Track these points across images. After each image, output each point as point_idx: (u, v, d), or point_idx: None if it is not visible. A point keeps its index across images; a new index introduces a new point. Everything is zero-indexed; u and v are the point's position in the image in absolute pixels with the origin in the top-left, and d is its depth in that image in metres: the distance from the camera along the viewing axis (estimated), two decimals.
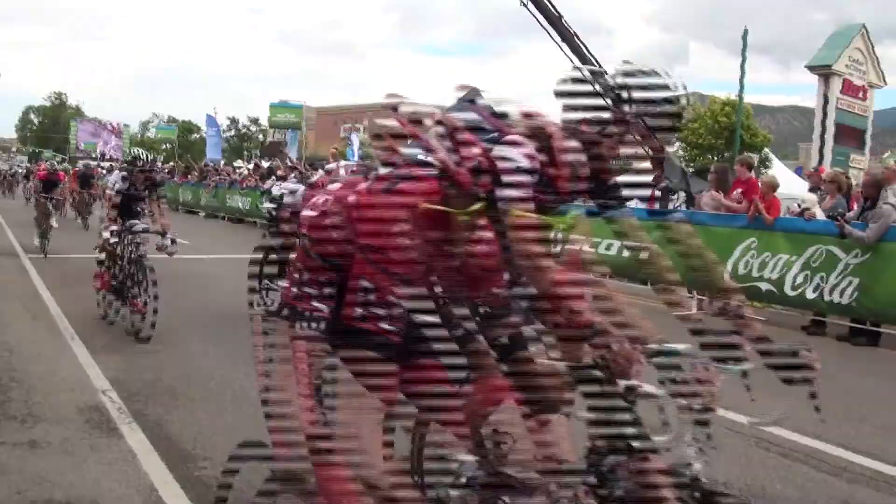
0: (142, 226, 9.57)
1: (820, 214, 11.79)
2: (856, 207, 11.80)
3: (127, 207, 9.77)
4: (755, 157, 36.72)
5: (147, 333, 8.69)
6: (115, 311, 9.71)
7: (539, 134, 3.46)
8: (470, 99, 3.94)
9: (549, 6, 17.01)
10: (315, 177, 9.54)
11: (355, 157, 37.41)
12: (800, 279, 11.39)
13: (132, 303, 9.18)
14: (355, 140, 43.94)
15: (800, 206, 12.62)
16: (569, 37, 17.27)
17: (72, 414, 6.10)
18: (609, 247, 14.16)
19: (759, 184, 12.85)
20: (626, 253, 13.77)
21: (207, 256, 17.45)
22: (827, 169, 18.28)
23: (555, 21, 17.11)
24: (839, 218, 10.98)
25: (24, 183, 38.32)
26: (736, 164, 13.55)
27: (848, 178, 14.42)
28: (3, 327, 9.14)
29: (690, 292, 13.36)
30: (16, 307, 10.50)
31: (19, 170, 49.53)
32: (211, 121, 67.75)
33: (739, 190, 12.86)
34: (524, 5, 16.92)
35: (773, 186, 12.31)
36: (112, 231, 9.32)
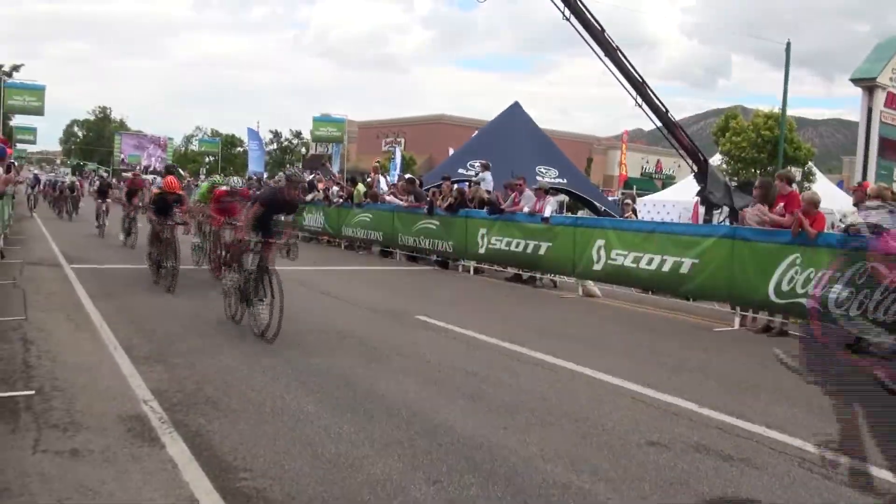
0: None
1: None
2: None
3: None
4: (798, 172, 36.45)
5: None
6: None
7: None
8: None
9: (593, 21, 16.99)
10: None
11: (398, 171, 37.56)
12: (843, 295, 11.22)
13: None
14: (398, 153, 44.05)
15: (842, 220, 12.41)
16: (611, 50, 17.24)
17: (113, 423, 6.13)
18: (650, 261, 14.10)
19: (800, 199, 12.71)
20: (666, 268, 13.79)
21: None
22: (871, 184, 18.02)
23: (598, 35, 17.10)
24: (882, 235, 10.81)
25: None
26: (776, 179, 13.39)
27: (893, 192, 14.22)
28: (46, 336, 9.22)
29: (733, 308, 13.34)
30: (59, 317, 10.60)
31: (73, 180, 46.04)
32: (253, 134, 68.22)
33: (781, 204, 12.73)
34: (567, 20, 16.92)
35: (814, 203, 12.14)
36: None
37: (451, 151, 35.43)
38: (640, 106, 17.68)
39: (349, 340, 9.91)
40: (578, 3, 16.86)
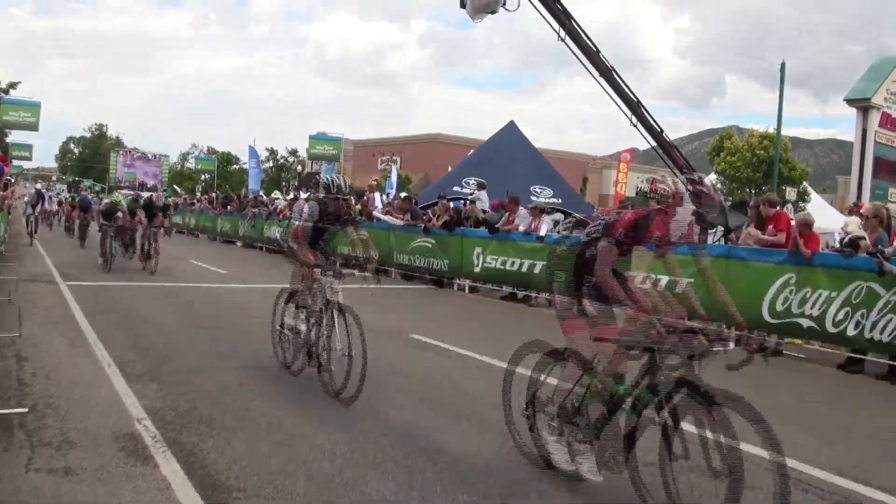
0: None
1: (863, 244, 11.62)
2: (895, 243, 11.63)
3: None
4: (793, 191, 36.51)
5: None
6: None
7: None
8: None
9: (588, 42, 17.07)
10: None
11: (394, 190, 37.59)
12: (840, 315, 11.23)
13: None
14: (394, 172, 44.09)
15: (844, 230, 12.33)
16: (606, 71, 17.32)
17: (107, 441, 6.11)
18: (644, 281, 14.09)
19: (792, 221, 12.75)
20: (661, 286, 13.77)
21: (245, 286, 17.54)
22: (867, 203, 18.07)
23: (592, 56, 17.18)
24: (878, 255, 10.82)
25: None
26: (761, 204, 13.37)
27: (888, 211, 14.26)
28: (40, 353, 9.20)
29: (728, 327, 13.33)
30: (53, 334, 10.57)
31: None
32: (252, 152, 68.50)
33: (771, 226, 12.78)
34: (562, 41, 17.00)
35: (808, 223, 12.17)
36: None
37: (450, 169, 35.53)
38: (636, 126, 17.78)
39: (343, 358, 9.89)
40: (573, 24, 16.94)
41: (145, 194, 32.68)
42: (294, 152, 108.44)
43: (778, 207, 13.69)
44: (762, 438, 4.47)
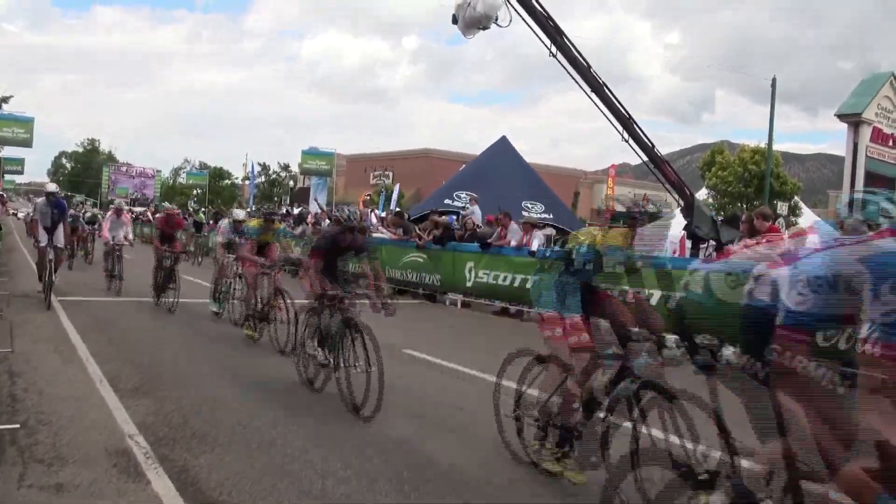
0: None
1: None
2: None
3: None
4: (785, 206, 36.63)
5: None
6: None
7: None
8: None
9: (579, 57, 17.12)
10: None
11: (393, 205, 37.51)
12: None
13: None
14: (396, 190, 43.98)
15: None
16: (598, 86, 17.36)
17: (99, 457, 6.10)
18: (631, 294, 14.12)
19: (785, 235, 12.77)
20: (653, 302, 13.81)
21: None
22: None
23: (584, 72, 17.21)
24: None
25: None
26: (755, 218, 13.39)
27: (877, 225, 14.30)
28: (32, 369, 9.17)
29: (722, 342, 13.34)
30: (45, 349, 10.54)
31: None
32: (251, 167, 68.76)
33: (764, 241, 12.79)
34: (554, 56, 17.04)
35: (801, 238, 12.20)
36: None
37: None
38: (627, 141, 17.78)
39: (360, 374, 9.90)
40: (564, 40, 16.99)
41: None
42: (286, 167, 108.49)
43: (770, 222, 13.72)
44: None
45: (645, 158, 18.27)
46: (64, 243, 16.27)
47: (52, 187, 16.85)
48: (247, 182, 70.60)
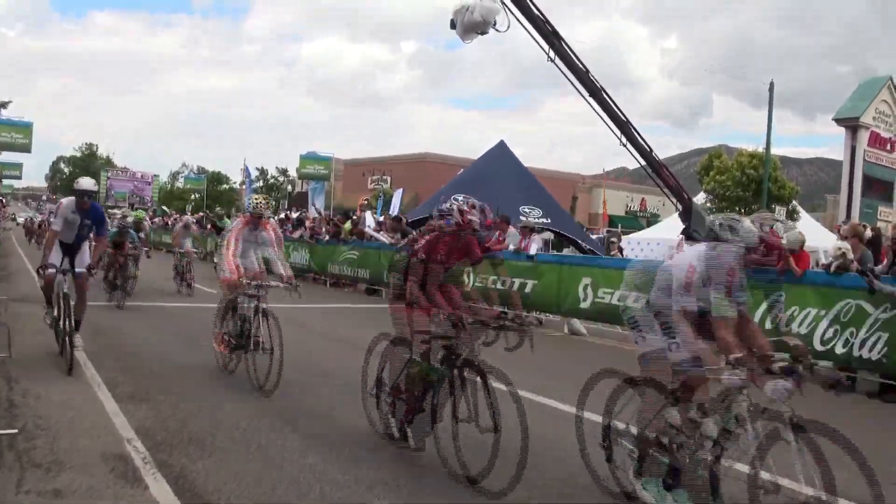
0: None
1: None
2: (885, 262, 11.68)
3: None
4: (783, 210, 36.63)
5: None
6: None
7: None
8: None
9: (577, 62, 17.12)
10: None
11: (394, 211, 37.46)
12: (829, 334, 11.27)
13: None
14: (398, 195, 43.91)
15: (835, 255, 12.19)
16: (596, 91, 17.36)
17: (97, 462, 6.10)
18: (638, 300, 14.14)
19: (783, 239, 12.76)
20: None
21: None
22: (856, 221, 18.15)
23: (582, 76, 17.22)
24: (868, 273, 10.85)
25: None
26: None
27: (876, 230, 14.32)
28: (29, 374, 9.15)
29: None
30: (43, 355, 10.53)
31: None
32: (247, 172, 68.67)
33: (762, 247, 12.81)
34: (552, 61, 17.05)
35: (799, 242, 12.20)
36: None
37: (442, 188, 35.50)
38: (625, 146, 17.79)
39: (334, 378, 9.89)
40: (562, 44, 17.00)
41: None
42: (284, 172, 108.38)
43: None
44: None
45: (643, 163, 18.29)
46: (93, 266, 10.93)
47: (89, 183, 10.89)
48: (244, 187, 70.44)
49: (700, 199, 40.30)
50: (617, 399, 6.08)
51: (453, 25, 17.20)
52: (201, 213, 54.54)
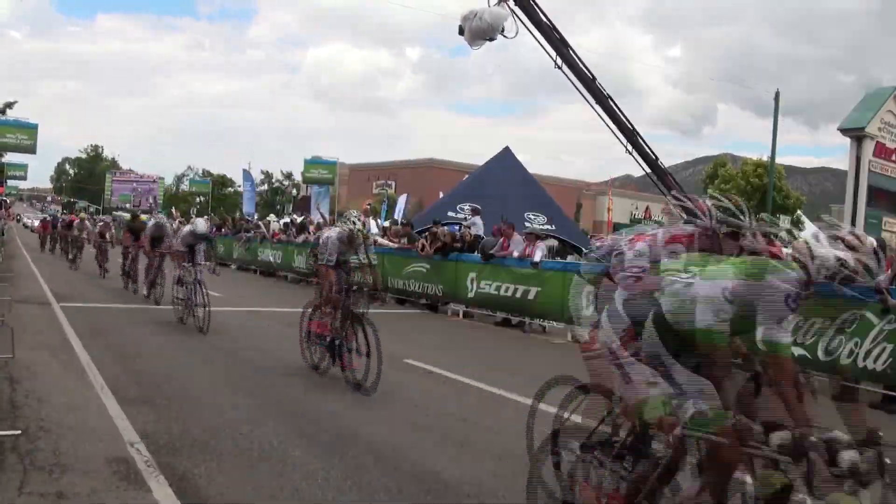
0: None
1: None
2: (888, 272, 11.63)
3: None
4: (787, 220, 36.60)
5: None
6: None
7: None
8: None
9: (584, 69, 17.16)
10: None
11: (399, 216, 37.46)
12: (833, 344, 11.23)
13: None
14: (401, 200, 43.81)
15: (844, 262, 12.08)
16: (602, 98, 17.39)
17: (100, 465, 6.09)
18: None
19: (785, 249, 12.72)
20: None
21: (239, 309, 17.48)
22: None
23: (589, 83, 17.26)
24: (883, 291, 10.75)
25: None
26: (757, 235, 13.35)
27: (880, 240, 14.28)
28: (33, 376, 9.16)
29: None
30: (46, 356, 10.53)
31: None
32: (246, 175, 68.50)
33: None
34: (559, 68, 17.08)
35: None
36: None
37: (442, 195, 35.48)
38: (631, 153, 17.83)
39: (337, 383, 9.88)
40: (570, 52, 17.04)
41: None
42: (289, 176, 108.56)
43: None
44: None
45: (648, 170, 18.30)
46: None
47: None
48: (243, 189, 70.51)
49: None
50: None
51: (462, 31, 17.25)
52: (213, 215, 54.54)
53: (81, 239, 30.13)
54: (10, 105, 58.67)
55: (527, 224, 21.50)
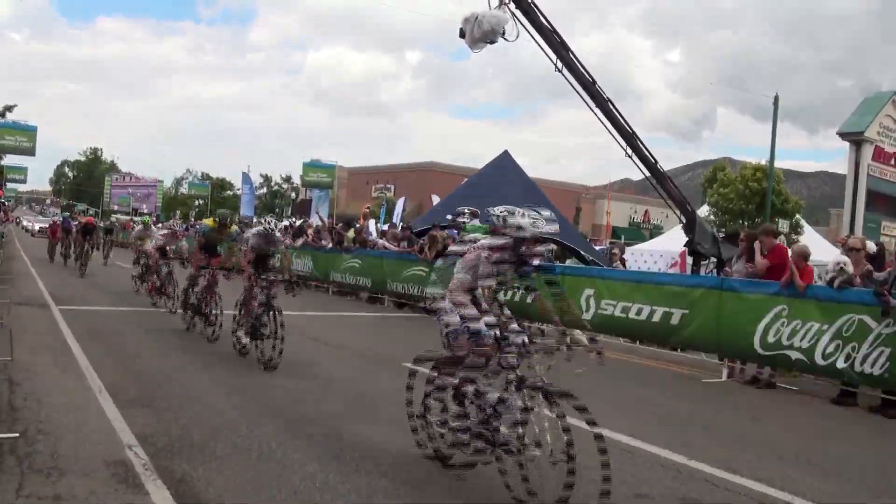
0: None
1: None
2: (884, 274, 11.61)
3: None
4: (786, 224, 36.59)
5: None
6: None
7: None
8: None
9: (584, 73, 17.16)
10: None
11: (397, 220, 37.45)
12: (830, 348, 11.22)
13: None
14: (400, 204, 43.82)
15: (842, 266, 12.05)
16: (602, 102, 17.40)
17: (98, 468, 6.08)
18: (640, 311, 14.13)
19: (789, 252, 12.74)
20: (656, 318, 13.81)
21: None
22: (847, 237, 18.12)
23: (589, 87, 17.26)
24: (885, 293, 10.71)
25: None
26: (762, 234, 13.36)
27: (879, 244, 14.28)
28: (31, 378, 9.15)
29: (721, 359, 13.33)
30: (45, 358, 10.53)
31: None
32: (245, 178, 68.52)
33: (759, 257, 12.82)
34: (560, 71, 17.09)
35: (804, 255, 12.14)
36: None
37: (436, 200, 35.46)
38: (630, 157, 17.82)
39: (336, 386, 9.88)
40: (570, 55, 17.04)
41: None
42: (288, 179, 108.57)
43: (778, 240, 13.76)
44: None
45: (647, 174, 18.30)
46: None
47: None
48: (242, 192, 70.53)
49: (704, 211, 40.28)
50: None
51: (462, 35, 17.24)
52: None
53: (145, 252, 20.49)
54: (9, 108, 58.78)
55: None
